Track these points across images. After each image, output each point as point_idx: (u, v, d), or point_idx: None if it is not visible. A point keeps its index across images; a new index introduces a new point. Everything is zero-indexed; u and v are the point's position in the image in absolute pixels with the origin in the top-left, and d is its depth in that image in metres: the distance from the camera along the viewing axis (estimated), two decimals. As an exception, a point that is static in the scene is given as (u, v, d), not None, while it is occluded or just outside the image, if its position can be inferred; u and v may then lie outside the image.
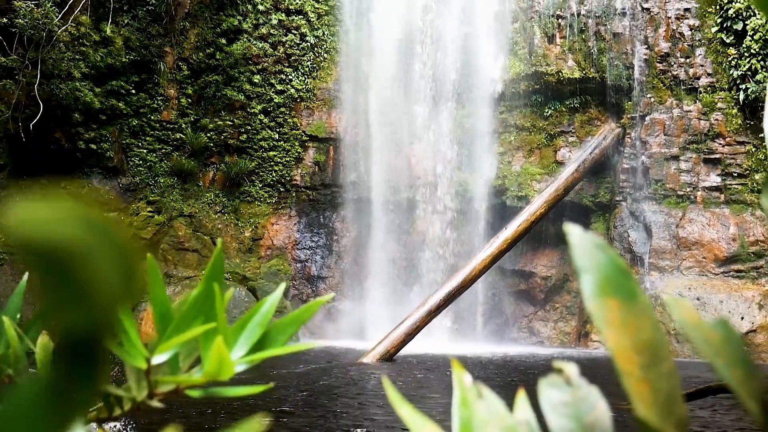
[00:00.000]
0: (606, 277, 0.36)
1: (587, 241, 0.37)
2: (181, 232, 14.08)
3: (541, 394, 0.41)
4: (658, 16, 13.34)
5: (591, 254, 0.36)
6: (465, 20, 14.05)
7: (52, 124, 12.71)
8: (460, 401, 0.42)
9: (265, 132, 14.80)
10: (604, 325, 0.35)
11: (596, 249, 0.36)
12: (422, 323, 10.88)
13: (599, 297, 0.36)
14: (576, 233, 0.37)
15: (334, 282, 14.73)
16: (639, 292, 0.37)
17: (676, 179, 13.02)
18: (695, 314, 0.39)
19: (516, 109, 14.20)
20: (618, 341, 0.35)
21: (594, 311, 0.35)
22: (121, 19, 13.57)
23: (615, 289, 0.36)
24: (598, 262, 0.36)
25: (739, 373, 0.38)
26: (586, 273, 0.36)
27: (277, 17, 14.80)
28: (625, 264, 0.37)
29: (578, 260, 0.36)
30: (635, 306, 0.36)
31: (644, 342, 0.35)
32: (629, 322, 0.35)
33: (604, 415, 0.39)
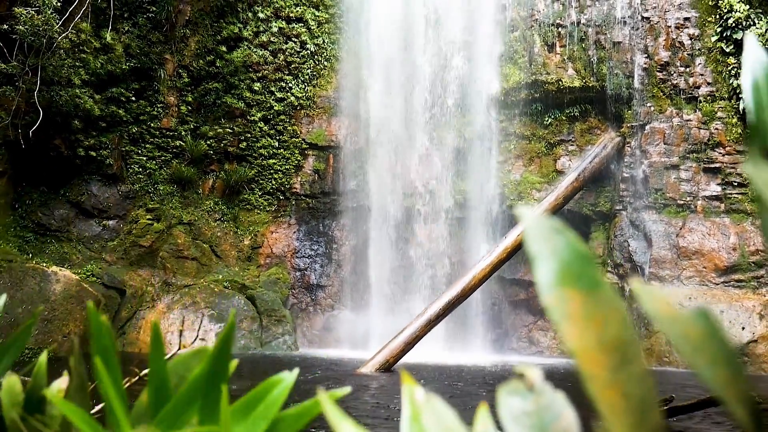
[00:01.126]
0: (565, 265, 0.32)
1: (543, 225, 0.32)
2: (180, 240, 14.03)
3: (500, 403, 0.37)
4: (658, 25, 13.34)
5: (547, 239, 0.32)
6: (465, 29, 14.06)
7: (51, 131, 12.70)
8: (410, 417, 0.38)
9: (265, 140, 14.79)
10: (564, 320, 0.31)
11: (553, 233, 0.32)
12: (422, 333, 10.82)
13: (558, 287, 0.31)
14: (529, 216, 0.33)
15: (333, 291, 14.67)
16: (603, 282, 0.33)
17: (676, 188, 12.98)
18: (669, 305, 0.35)
19: (516, 118, 14.18)
20: (580, 338, 0.30)
21: (551, 303, 0.31)
22: (121, 27, 13.58)
23: (576, 278, 0.32)
24: (556, 248, 0.32)
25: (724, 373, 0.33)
26: (542, 260, 0.32)
27: (277, 25, 14.82)
28: (586, 249, 0.33)
29: (533, 245, 0.32)
30: (600, 297, 0.32)
31: (611, 339, 0.30)
32: (593, 315, 0.31)
33: (571, 425, 0.34)
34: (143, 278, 13.40)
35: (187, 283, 13.56)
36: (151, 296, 13.22)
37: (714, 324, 0.34)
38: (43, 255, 12.71)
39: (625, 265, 13.06)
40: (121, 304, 12.83)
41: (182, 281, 13.61)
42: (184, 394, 0.54)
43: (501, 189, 14.03)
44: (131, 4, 13.63)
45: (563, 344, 0.37)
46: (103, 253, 13.51)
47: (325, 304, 14.59)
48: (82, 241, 13.52)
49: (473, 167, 14.09)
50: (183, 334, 12.38)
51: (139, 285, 13.23)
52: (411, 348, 10.63)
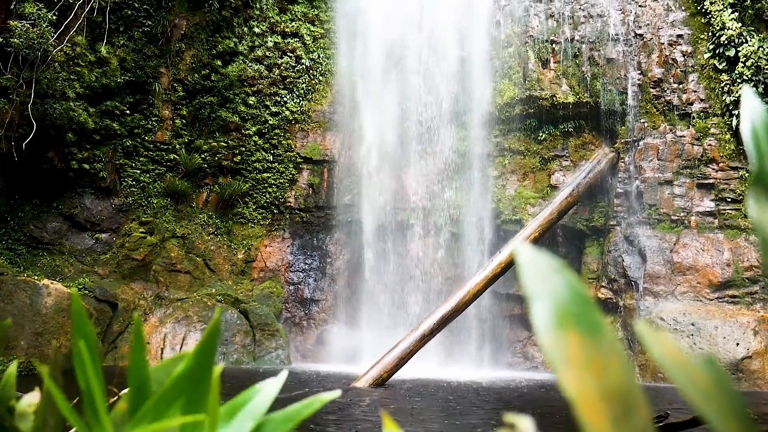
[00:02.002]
0: (564, 306, 0.29)
1: (540, 263, 0.30)
2: (173, 254, 13.96)
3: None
4: (651, 42, 13.44)
5: (545, 278, 0.30)
6: (460, 44, 14.13)
7: (45, 144, 12.66)
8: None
9: (260, 153, 14.78)
10: (562, 364, 0.28)
11: (551, 272, 0.30)
12: (416, 347, 10.76)
13: (556, 329, 0.29)
14: (526, 253, 0.31)
15: (327, 305, 14.61)
16: (604, 325, 0.31)
17: (670, 204, 13.02)
18: (677, 350, 0.32)
19: (510, 133, 14.22)
20: (580, 385, 0.28)
21: (549, 346, 0.29)
22: (116, 40, 13.59)
23: (575, 321, 0.29)
24: (554, 288, 0.30)
25: (733, 423, 0.31)
26: (540, 300, 0.30)
27: (272, 40, 14.86)
28: (585, 290, 0.30)
29: (530, 285, 0.30)
30: (600, 341, 0.30)
31: (613, 387, 0.28)
32: (594, 360, 0.28)
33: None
34: (136, 292, 13.31)
35: (180, 296, 13.48)
36: (144, 310, 13.12)
37: (721, 372, 0.32)
38: (35, 268, 12.62)
39: (619, 280, 13.06)
40: (113, 317, 12.73)
41: (175, 295, 13.53)
42: (167, 391, 0.51)
43: (495, 204, 14.04)
44: (127, 18, 13.65)
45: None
46: (96, 267, 13.43)
47: (319, 319, 14.52)
48: (75, 254, 13.43)
49: (468, 182, 14.11)
50: (174, 348, 12.29)
51: (132, 298, 13.14)
52: (405, 363, 10.57)
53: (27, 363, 9.98)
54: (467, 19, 14.13)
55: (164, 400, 0.51)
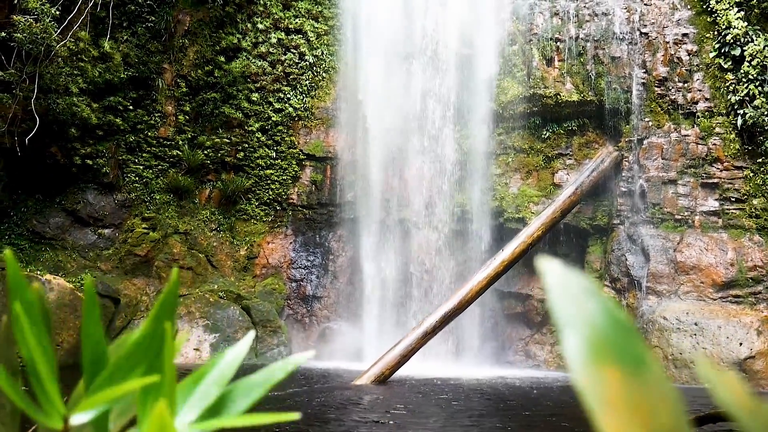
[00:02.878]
0: (601, 336, 0.25)
1: (572, 284, 0.27)
2: (175, 250, 13.96)
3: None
4: (656, 40, 13.38)
5: (578, 303, 0.26)
6: (464, 42, 14.08)
7: (48, 139, 12.65)
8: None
9: (263, 150, 14.75)
10: (601, 406, 0.24)
11: (585, 295, 0.26)
12: (418, 345, 10.75)
13: (592, 364, 0.25)
14: (555, 272, 0.28)
15: (330, 302, 14.60)
16: (649, 358, 0.27)
17: (673, 203, 12.97)
18: (748, 396, 0.29)
19: (514, 131, 14.18)
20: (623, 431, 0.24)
21: (584, 384, 0.25)
22: (120, 36, 13.57)
23: (615, 354, 0.26)
24: (589, 314, 0.26)
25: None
26: (572, 329, 0.26)
27: (276, 36, 14.82)
28: (626, 317, 0.27)
29: (559, 310, 0.27)
30: (646, 378, 0.25)
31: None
32: (639, 402, 0.24)
33: None
34: (138, 287, 13.31)
35: (182, 293, 13.47)
36: (146, 305, 13.12)
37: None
38: (38, 263, 12.63)
39: (622, 279, 13.02)
40: (116, 313, 12.73)
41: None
42: (123, 359, 0.48)
43: (498, 202, 14.00)
44: (130, 14, 13.62)
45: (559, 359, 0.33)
46: (98, 262, 13.43)
47: (321, 316, 14.51)
48: (77, 250, 13.43)
49: (471, 180, 14.07)
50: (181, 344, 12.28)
51: (134, 294, 13.15)
52: (407, 360, 10.56)
53: (29, 358, 10.00)
54: (472, 16, 14.08)
55: (121, 369, 0.47)
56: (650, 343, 11.98)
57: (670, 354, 11.69)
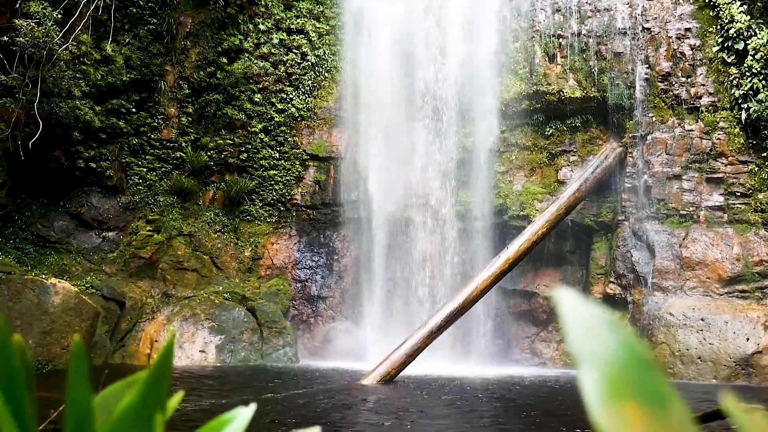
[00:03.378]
0: (621, 371, 0.23)
1: (589, 316, 0.25)
2: (180, 252, 13.96)
3: None
4: (659, 35, 13.33)
5: (595, 335, 0.24)
6: (466, 39, 14.05)
7: (51, 143, 12.66)
8: None
9: (266, 151, 14.75)
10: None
11: (603, 328, 0.24)
12: (423, 344, 10.74)
13: (611, 401, 0.23)
14: (570, 303, 0.26)
15: (335, 302, 14.59)
16: (672, 395, 0.25)
17: (678, 199, 12.92)
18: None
19: (517, 128, 14.14)
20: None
21: (604, 423, 0.23)
22: (122, 38, 13.57)
23: (636, 390, 0.24)
24: (608, 349, 0.24)
25: None
26: (590, 364, 0.24)
27: (278, 37, 14.81)
28: (647, 350, 0.25)
29: (575, 344, 0.25)
30: (669, 416, 0.23)
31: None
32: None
33: None
34: (143, 290, 13.33)
35: (187, 294, 13.48)
36: (151, 308, 13.14)
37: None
38: (43, 267, 12.65)
39: (628, 275, 12.98)
40: (121, 316, 12.74)
41: (182, 293, 13.54)
42: (109, 428, 0.45)
43: (502, 199, 13.97)
44: (132, 16, 13.63)
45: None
46: (103, 265, 13.45)
47: (326, 316, 14.51)
48: (82, 253, 13.45)
49: (475, 178, 14.04)
50: (182, 346, 12.30)
51: (139, 297, 13.16)
52: (413, 360, 10.54)
53: (36, 362, 10.00)
54: (474, 14, 14.04)
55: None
56: (657, 339, 11.94)
57: (676, 350, 11.65)
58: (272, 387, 9.05)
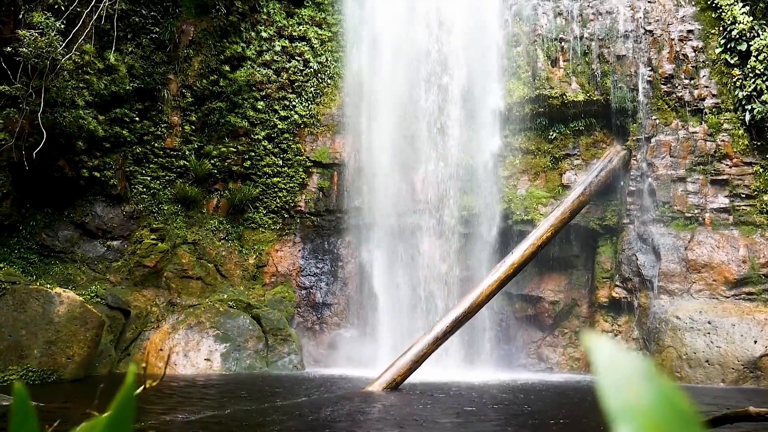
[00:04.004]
0: (660, 428, 0.20)
1: (625, 366, 0.22)
2: (184, 260, 13.96)
3: None
4: (662, 38, 13.31)
5: (632, 388, 0.21)
6: (468, 44, 14.05)
7: (55, 153, 12.69)
8: None
9: (269, 158, 14.75)
10: None
11: (640, 379, 0.21)
12: (429, 350, 10.69)
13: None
14: (604, 351, 0.23)
15: (339, 309, 14.56)
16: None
17: (683, 201, 12.88)
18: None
19: (520, 133, 14.12)
20: None
21: None
22: (125, 48, 13.61)
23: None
24: (646, 402, 0.21)
25: None
26: (627, 420, 0.21)
27: (280, 44, 14.83)
28: (686, 402, 0.22)
29: (611, 398, 0.21)
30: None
31: None
32: None
33: None
34: (148, 299, 13.32)
35: (192, 303, 13.47)
36: (156, 317, 13.13)
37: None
38: (47, 276, 12.65)
39: (633, 279, 12.93)
40: (126, 324, 12.74)
41: (187, 301, 13.52)
42: None
43: (507, 204, 13.94)
44: (135, 26, 13.67)
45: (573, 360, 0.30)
46: (108, 274, 13.45)
47: (331, 323, 14.47)
48: (87, 262, 13.46)
49: (478, 183, 14.02)
50: (187, 355, 12.27)
51: (144, 305, 13.15)
52: (419, 366, 10.50)
53: (41, 372, 9.99)
54: (475, 19, 14.05)
55: None
56: (663, 342, 11.87)
57: (684, 353, 11.58)
58: (276, 395, 9.01)
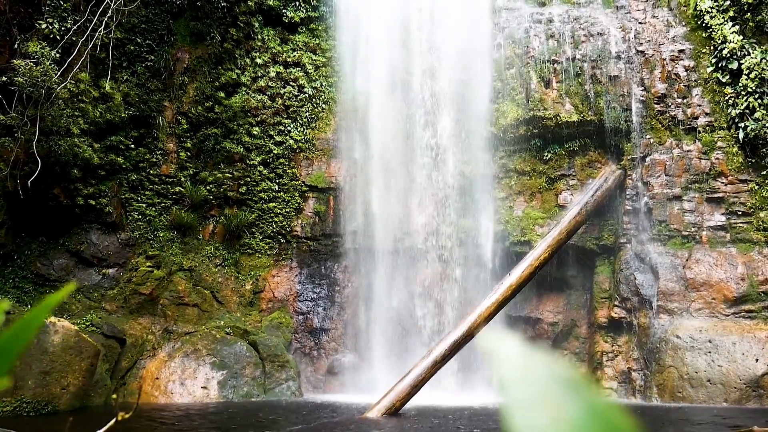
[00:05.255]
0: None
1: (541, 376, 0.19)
2: (180, 287, 13.87)
3: None
4: (653, 58, 13.41)
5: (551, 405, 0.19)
6: (461, 67, 14.14)
7: (50, 181, 12.67)
8: None
9: (265, 183, 14.74)
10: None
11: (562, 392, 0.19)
12: (428, 374, 10.59)
13: None
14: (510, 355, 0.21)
15: (337, 334, 14.44)
16: None
17: (680, 219, 12.87)
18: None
19: (515, 154, 14.15)
20: None
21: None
22: (120, 76, 13.67)
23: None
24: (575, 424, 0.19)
25: None
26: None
27: (275, 70, 14.92)
28: (628, 422, 0.21)
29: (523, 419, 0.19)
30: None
31: None
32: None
33: None
34: (144, 326, 13.20)
35: (188, 330, 13.35)
36: (152, 345, 13.00)
37: None
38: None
39: (632, 299, 12.86)
40: (122, 353, 12.60)
41: (183, 328, 13.40)
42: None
43: (503, 225, 13.92)
44: (130, 54, 13.75)
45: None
46: (103, 302, 13.35)
47: (329, 348, 14.35)
48: (82, 291, 13.36)
49: (474, 205, 14.02)
50: (184, 383, 12.13)
51: (140, 333, 13.03)
52: (418, 390, 10.38)
53: (35, 403, 9.85)
54: (468, 42, 14.16)
55: None
56: (664, 362, 11.77)
57: (685, 373, 11.47)
58: (273, 423, 8.88)
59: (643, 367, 12.46)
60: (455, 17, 14.19)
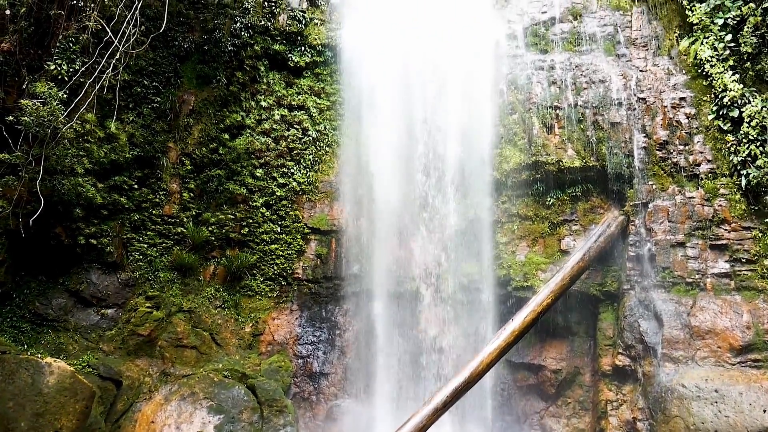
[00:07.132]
0: None
1: None
2: (179, 328, 13.72)
3: None
4: (654, 105, 13.54)
5: None
6: (464, 113, 14.28)
7: (52, 220, 12.66)
8: None
9: (267, 225, 14.74)
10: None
11: None
12: (429, 422, 10.38)
13: None
14: None
15: (337, 378, 14.22)
16: None
17: (683, 266, 12.78)
18: None
19: (518, 199, 14.17)
20: None
21: None
22: (126, 116, 13.81)
23: None
24: None
25: None
26: None
27: (279, 113, 15.07)
28: None
29: None
30: None
31: None
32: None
33: None
34: (141, 368, 13.01)
35: (186, 372, 13.16)
36: (149, 387, 12.79)
37: None
38: (39, 345, 12.40)
39: (636, 346, 12.67)
40: (117, 396, 12.39)
41: (181, 371, 13.21)
42: None
43: (506, 270, 13.83)
44: (136, 95, 13.92)
45: None
46: (101, 343, 13.19)
47: (329, 393, 14.11)
48: (79, 331, 13.22)
49: (477, 249, 13.96)
50: (180, 427, 11.89)
51: (137, 375, 12.83)
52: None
53: (26, 446, 9.65)
54: (471, 88, 14.33)
55: None
56: (670, 412, 11.53)
57: (691, 424, 11.23)
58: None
59: (648, 417, 12.20)
60: (458, 62, 14.39)
